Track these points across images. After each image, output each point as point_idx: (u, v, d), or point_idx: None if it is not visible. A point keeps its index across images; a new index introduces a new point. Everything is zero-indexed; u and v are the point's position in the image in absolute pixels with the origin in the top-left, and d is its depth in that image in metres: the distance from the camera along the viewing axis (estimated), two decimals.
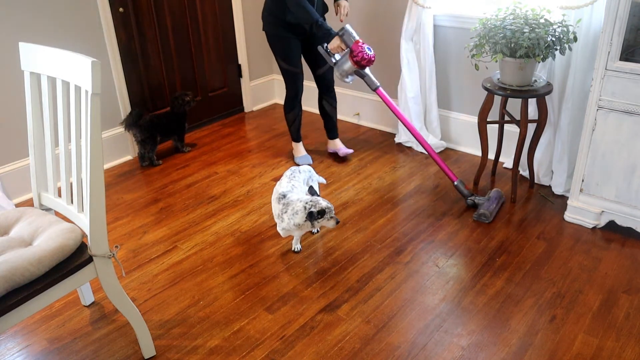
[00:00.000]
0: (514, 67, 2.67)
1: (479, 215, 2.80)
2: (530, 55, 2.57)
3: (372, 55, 2.91)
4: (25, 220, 1.91)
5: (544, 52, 2.56)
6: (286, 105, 3.44)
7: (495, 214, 2.83)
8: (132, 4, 3.49)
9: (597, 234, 2.67)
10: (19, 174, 3.18)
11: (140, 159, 3.59)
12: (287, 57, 3.25)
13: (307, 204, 2.38)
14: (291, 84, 3.35)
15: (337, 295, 2.33)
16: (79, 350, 2.10)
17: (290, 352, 2.05)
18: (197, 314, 2.25)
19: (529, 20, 2.60)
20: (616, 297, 2.25)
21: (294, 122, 3.50)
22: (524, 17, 2.62)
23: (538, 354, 1.99)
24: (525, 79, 2.71)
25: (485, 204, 2.84)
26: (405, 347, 2.04)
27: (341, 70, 2.98)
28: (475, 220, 2.81)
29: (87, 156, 1.68)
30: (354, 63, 2.91)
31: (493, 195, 2.90)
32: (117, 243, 2.74)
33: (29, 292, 1.65)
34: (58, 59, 1.76)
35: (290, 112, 3.46)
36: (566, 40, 2.57)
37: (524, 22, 2.59)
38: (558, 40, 2.56)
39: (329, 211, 2.41)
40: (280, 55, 3.26)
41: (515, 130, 3.18)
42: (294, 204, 2.42)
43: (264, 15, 3.22)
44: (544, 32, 2.53)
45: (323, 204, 2.40)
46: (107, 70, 3.44)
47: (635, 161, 2.47)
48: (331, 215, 2.43)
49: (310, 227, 2.45)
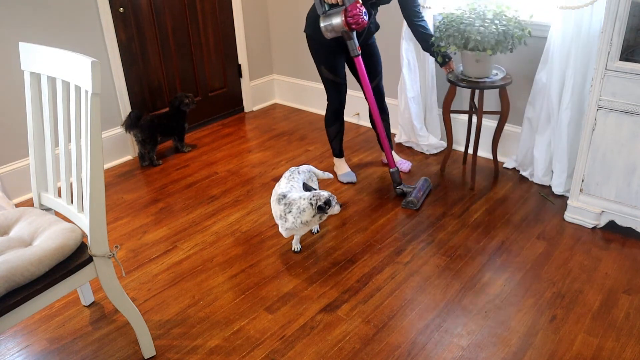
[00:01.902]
0: (472, 60, 2.82)
1: (406, 202, 2.96)
2: (480, 49, 2.68)
3: (367, 21, 2.69)
4: (25, 220, 1.91)
5: (494, 47, 2.68)
6: (328, 118, 3.17)
7: (422, 201, 2.99)
8: (132, 4, 3.49)
9: (597, 234, 2.67)
10: (19, 174, 3.18)
11: (140, 159, 3.59)
12: (331, 65, 2.97)
13: (311, 200, 2.38)
14: (335, 96, 3.07)
15: (337, 295, 2.33)
16: (79, 350, 2.10)
17: (290, 352, 2.05)
18: (197, 314, 2.25)
19: (484, 15, 2.74)
20: (616, 297, 2.25)
21: (336, 136, 3.23)
22: (481, 13, 2.75)
23: (538, 354, 1.99)
24: (483, 71, 2.85)
25: (413, 192, 2.98)
26: (405, 347, 2.04)
27: (328, 23, 2.69)
28: (404, 207, 2.96)
29: (87, 156, 1.68)
30: (345, 23, 2.67)
31: (420, 183, 3.05)
32: (117, 243, 2.74)
33: (29, 292, 1.65)
34: (58, 59, 1.76)
35: (332, 125, 3.18)
36: (518, 37, 2.69)
37: (476, 16, 2.73)
38: (509, 36, 2.68)
39: (332, 198, 2.43)
40: (324, 62, 2.97)
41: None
42: (297, 202, 2.41)
43: (310, 15, 2.93)
44: (495, 27, 2.65)
45: (325, 194, 2.41)
46: (107, 70, 3.45)
47: (635, 161, 2.47)
48: (335, 202, 2.45)
49: (318, 220, 2.44)
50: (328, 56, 2.95)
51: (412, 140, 3.64)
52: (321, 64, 2.98)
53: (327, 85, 3.05)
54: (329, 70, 2.98)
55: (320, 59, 2.98)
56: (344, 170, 3.27)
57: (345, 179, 3.23)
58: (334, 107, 3.11)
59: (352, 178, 3.23)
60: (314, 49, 2.97)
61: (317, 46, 2.95)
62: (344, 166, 3.29)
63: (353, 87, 4.04)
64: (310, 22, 2.92)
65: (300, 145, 3.79)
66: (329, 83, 3.04)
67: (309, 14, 2.92)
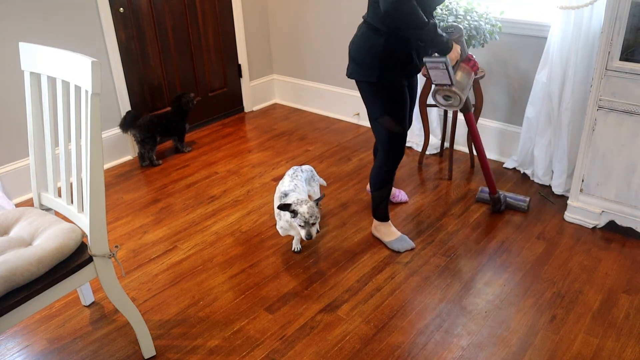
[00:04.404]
0: None
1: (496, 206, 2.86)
2: None
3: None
4: (25, 220, 1.91)
5: (467, 41, 2.72)
6: (383, 179, 2.51)
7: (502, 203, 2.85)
8: (132, 4, 3.49)
9: (597, 234, 2.67)
10: (19, 174, 3.18)
11: (140, 159, 3.59)
12: (401, 115, 2.36)
13: (296, 199, 2.37)
14: (398, 150, 2.44)
15: (337, 295, 2.33)
16: (79, 350, 2.10)
17: (290, 352, 2.05)
18: (197, 314, 2.25)
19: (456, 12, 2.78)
20: (616, 297, 2.25)
21: (387, 197, 2.59)
22: (453, 9, 2.80)
23: (538, 354, 1.99)
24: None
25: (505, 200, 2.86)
26: (405, 347, 2.04)
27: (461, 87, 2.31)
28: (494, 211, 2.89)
29: (87, 156, 1.68)
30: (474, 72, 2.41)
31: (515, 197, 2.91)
32: (117, 243, 2.74)
33: (29, 292, 1.65)
34: (58, 59, 1.76)
35: (386, 186, 2.53)
36: (489, 32, 2.75)
37: (449, 12, 2.77)
38: (481, 31, 2.73)
39: (301, 217, 2.28)
40: (391, 111, 2.33)
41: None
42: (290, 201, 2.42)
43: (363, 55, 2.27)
44: (467, 22, 2.70)
45: (303, 208, 2.30)
46: (107, 70, 3.45)
47: (635, 161, 2.47)
48: (303, 223, 2.30)
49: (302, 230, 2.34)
50: (398, 103, 2.34)
51: (412, 141, 3.64)
52: (386, 113, 2.34)
53: (387, 138, 2.40)
54: (396, 122, 2.35)
55: (386, 107, 2.34)
56: (397, 235, 2.63)
57: (402, 246, 2.60)
58: (395, 162, 2.47)
59: (410, 244, 2.62)
60: (381, 96, 2.32)
61: (387, 93, 2.32)
62: (394, 230, 2.65)
63: (353, 87, 4.04)
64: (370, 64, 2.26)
65: (300, 145, 3.79)
66: (390, 136, 2.39)
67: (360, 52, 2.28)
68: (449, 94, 2.37)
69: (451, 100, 2.39)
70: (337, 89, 4.15)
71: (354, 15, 3.75)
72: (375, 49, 2.23)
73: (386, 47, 2.21)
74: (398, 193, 3.00)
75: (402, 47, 2.25)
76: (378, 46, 2.22)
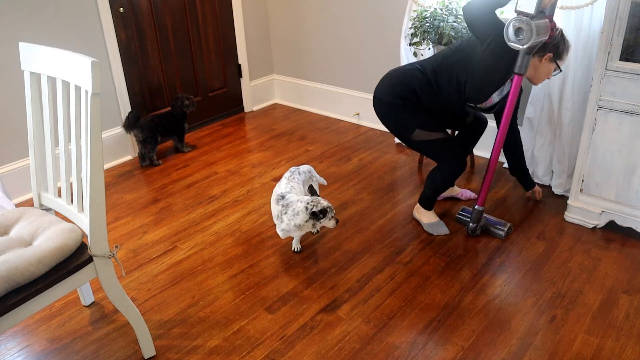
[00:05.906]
0: None
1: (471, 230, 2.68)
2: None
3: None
4: (26, 220, 1.91)
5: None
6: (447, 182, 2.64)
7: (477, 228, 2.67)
8: (132, 4, 3.50)
9: (597, 234, 2.67)
10: (19, 174, 3.18)
11: (140, 159, 3.59)
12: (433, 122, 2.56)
13: (308, 204, 2.37)
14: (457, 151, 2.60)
15: (337, 295, 2.33)
16: (79, 350, 2.10)
17: (290, 352, 2.05)
18: (197, 314, 2.25)
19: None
20: (616, 297, 2.25)
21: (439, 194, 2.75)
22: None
23: (538, 354, 1.99)
24: None
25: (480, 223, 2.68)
26: (405, 347, 2.04)
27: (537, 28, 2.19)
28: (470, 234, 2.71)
29: (87, 156, 1.68)
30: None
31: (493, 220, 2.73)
32: (117, 243, 2.74)
33: (29, 292, 1.65)
34: (58, 59, 1.76)
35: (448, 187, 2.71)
36: None
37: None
38: None
39: (330, 210, 2.40)
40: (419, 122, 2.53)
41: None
42: (294, 204, 2.41)
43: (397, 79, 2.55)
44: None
45: (324, 203, 2.39)
46: (107, 70, 3.45)
47: (635, 161, 2.47)
48: (332, 215, 2.42)
49: (311, 227, 2.43)
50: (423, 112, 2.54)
51: None
52: (416, 127, 2.51)
53: (443, 146, 2.54)
54: (428, 130, 2.50)
55: (413, 121, 2.52)
56: (435, 219, 2.73)
57: (436, 230, 2.70)
58: (458, 166, 2.57)
59: (445, 230, 2.70)
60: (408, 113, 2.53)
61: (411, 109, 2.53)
62: (433, 215, 2.75)
63: (353, 87, 4.04)
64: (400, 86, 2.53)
65: (300, 145, 3.79)
66: (439, 144, 2.52)
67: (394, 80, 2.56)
68: (523, 27, 2.19)
69: (521, 36, 2.21)
70: (337, 89, 4.16)
71: (354, 15, 3.75)
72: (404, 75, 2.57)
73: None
74: (463, 192, 3.03)
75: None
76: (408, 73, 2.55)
